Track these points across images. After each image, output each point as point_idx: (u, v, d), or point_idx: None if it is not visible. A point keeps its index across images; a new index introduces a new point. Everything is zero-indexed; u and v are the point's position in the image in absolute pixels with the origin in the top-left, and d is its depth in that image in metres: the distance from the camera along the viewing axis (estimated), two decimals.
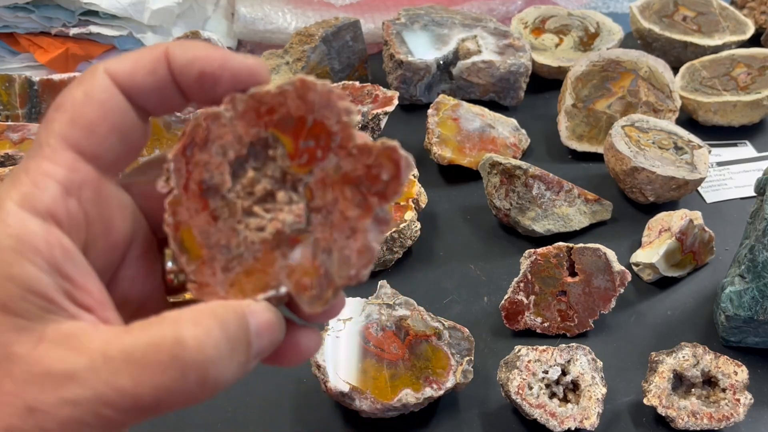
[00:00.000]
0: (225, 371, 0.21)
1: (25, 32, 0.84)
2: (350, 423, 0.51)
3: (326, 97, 0.23)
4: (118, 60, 0.23)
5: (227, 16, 0.97)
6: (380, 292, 0.55)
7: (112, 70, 0.23)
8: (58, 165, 0.21)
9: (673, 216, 0.63)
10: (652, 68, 0.76)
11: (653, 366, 0.51)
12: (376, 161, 0.23)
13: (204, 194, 0.24)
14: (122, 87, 0.23)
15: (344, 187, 0.23)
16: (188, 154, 0.24)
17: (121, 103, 0.23)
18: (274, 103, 0.24)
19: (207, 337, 0.20)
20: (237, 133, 0.24)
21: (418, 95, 0.82)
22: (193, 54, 0.23)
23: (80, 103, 0.22)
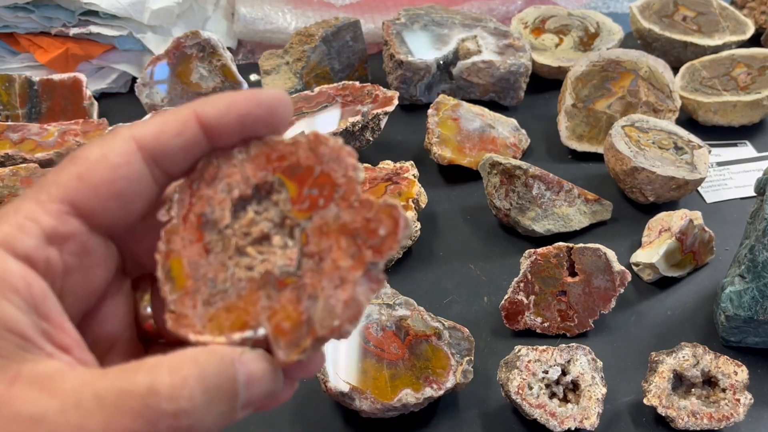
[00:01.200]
0: (201, 422, 0.20)
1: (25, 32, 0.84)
2: (350, 423, 0.51)
3: (337, 152, 0.24)
4: (145, 124, 0.23)
5: (227, 16, 0.97)
6: (380, 292, 0.55)
7: (138, 134, 0.23)
8: (47, 213, 0.22)
9: (673, 216, 0.63)
10: (652, 68, 0.76)
11: (653, 366, 0.51)
12: (375, 216, 0.23)
13: (201, 227, 0.25)
14: (147, 151, 0.23)
15: (340, 236, 0.24)
16: (194, 187, 0.25)
17: (135, 170, 0.23)
18: (285, 151, 0.25)
19: (182, 386, 0.20)
20: (245, 173, 0.25)
21: (418, 95, 0.82)
22: (225, 102, 0.23)
23: (93, 161, 0.22)
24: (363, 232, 0.24)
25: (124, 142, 0.23)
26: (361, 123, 0.69)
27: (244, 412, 0.22)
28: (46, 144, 0.73)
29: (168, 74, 0.79)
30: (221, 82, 0.80)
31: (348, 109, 0.71)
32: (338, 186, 0.24)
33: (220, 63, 0.79)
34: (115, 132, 0.23)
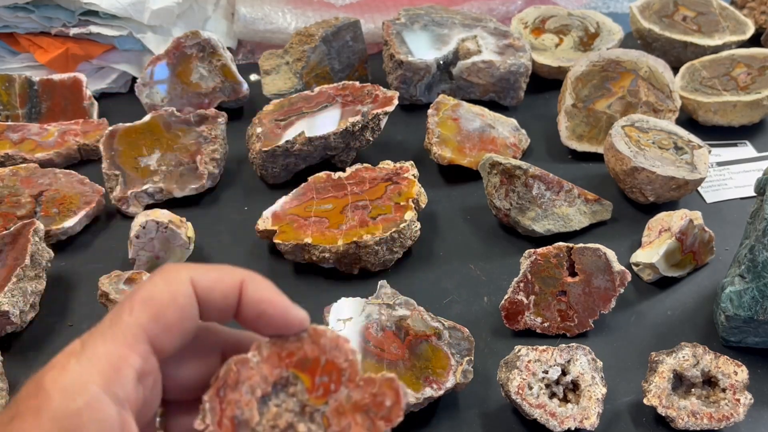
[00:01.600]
0: None
1: (25, 32, 0.84)
2: None
3: (335, 341, 0.29)
4: (202, 271, 0.26)
5: (227, 16, 0.97)
6: (380, 292, 0.55)
7: (196, 280, 0.26)
8: (137, 354, 0.24)
9: (673, 216, 0.63)
10: (652, 68, 0.76)
11: (653, 366, 0.51)
12: (380, 390, 0.28)
13: (236, 428, 0.28)
14: (198, 297, 0.26)
15: (356, 413, 0.28)
16: (221, 394, 0.28)
17: (195, 311, 0.26)
18: (293, 348, 0.29)
19: None
20: (263, 374, 0.29)
21: (418, 95, 0.82)
22: (262, 296, 0.27)
23: (165, 304, 0.25)
24: (373, 406, 0.28)
25: (187, 285, 0.26)
26: (361, 123, 0.69)
27: None
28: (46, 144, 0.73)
29: (168, 74, 0.79)
30: (221, 82, 0.80)
31: (348, 109, 0.72)
32: (343, 370, 0.28)
33: (220, 63, 0.79)
34: (176, 270, 0.26)
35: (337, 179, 0.66)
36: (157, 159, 0.71)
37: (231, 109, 0.82)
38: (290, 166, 0.71)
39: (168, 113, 0.73)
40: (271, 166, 0.70)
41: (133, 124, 0.72)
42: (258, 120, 0.73)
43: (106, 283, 0.56)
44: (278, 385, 0.29)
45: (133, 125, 0.72)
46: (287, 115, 0.72)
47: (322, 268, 0.63)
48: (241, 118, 0.82)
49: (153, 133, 0.72)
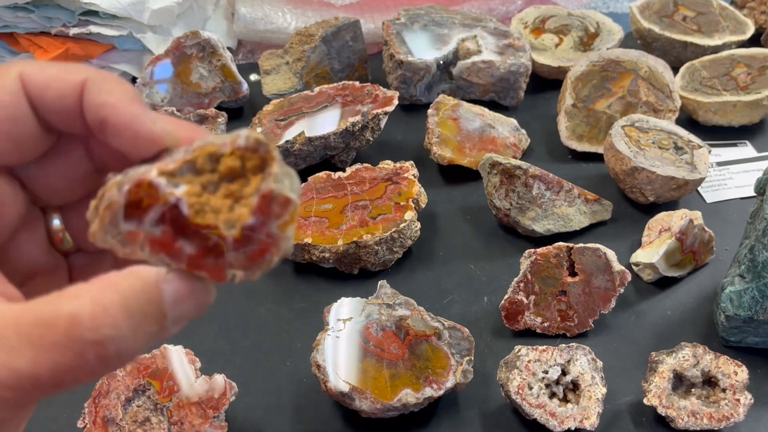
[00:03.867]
0: (129, 346, 0.20)
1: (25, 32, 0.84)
2: (350, 423, 0.51)
3: (180, 355, 0.48)
4: (38, 67, 0.23)
5: (227, 16, 0.97)
6: (380, 292, 0.55)
7: (27, 76, 0.22)
8: None
9: (673, 216, 0.63)
10: (652, 68, 0.76)
11: (653, 366, 0.51)
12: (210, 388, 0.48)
13: (106, 424, 0.45)
14: (30, 97, 0.22)
15: (191, 406, 0.47)
16: (97, 401, 0.46)
17: (22, 110, 0.22)
18: (148, 362, 0.48)
19: (104, 314, 0.19)
20: (126, 384, 0.47)
21: (418, 95, 0.82)
22: (105, 99, 0.22)
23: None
24: (204, 401, 0.47)
25: (14, 81, 0.22)
26: (361, 123, 0.69)
27: (175, 327, 0.21)
28: None
29: (168, 74, 0.79)
30: (221, 82, 0.80)
31: (348, 109, 0.71)
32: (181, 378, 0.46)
33: (220, 63, 0.79)
34: (6, 68, 0.22)
35: (337, 179, 0.66)
36: None
37: (231, 109, 0.82)
38: (290, 166, 0.71)
39: (168, 113, 0.73)
40: None
41: None
42: (258, 120, 0.73)
43: None
44: (138, 391, 0.47)
45: None
46: (287, 115, 0.72)
47: (322, 268, 0.63)
48: (241, 118, 0.82)
49: None
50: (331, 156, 0.72)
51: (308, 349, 0.52)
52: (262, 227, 0.21)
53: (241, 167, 0.22)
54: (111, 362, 0.20)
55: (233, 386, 0.49)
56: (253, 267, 0.22)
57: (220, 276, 0.22)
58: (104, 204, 0.22)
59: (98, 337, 0.19)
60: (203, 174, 0.22)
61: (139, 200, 0.21)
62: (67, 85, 0.22)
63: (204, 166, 0.22)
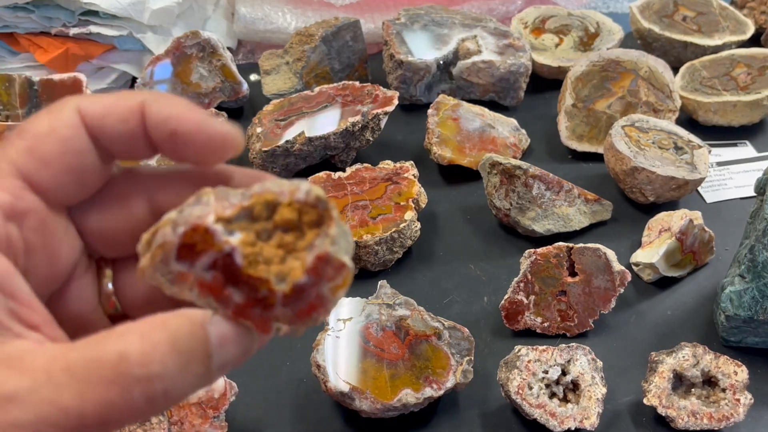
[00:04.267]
0: (176, 385, 0.20)
1: (25, 32, 0.84)
2: (350, 423, 0.51)
3: None
4: (93, 99, 0.23)
5: (227, 16, 0.97)
6: (380, 292, 0.55)
7: (84, 108, 0.22)
8: (2, 189, 0.21)
9: (673, 216, 0.63)
10: (652, 68, 0.76)
11: (653, 366, 0.51)
12: (210, 390, 0.47)
13: None
14: (90, 128, 0.22)
15: (191, 406, 0.47)
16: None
17: (83, 143, 0.22)
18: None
19: (153, 351, 0.19)
20: None
21: (418, 95, 0.82)
22: (169, 112, 0.22)
23: (42, 135, 0.22)
24: (204, 401, 0.47)
25: (72, 114, 0.22)
26: (361, 123, 0.69)
27: (220, 372, 0.21)
28: None
29: (168, 74, 0.79)
30: (221, 82, 0.80)
31: (348, 109, 0.71)
32: None
33: (220, 63, 0.79)
34: (63, 102, 0.23)
35: (337, 179, 0.66)
36: (157, 159, 0.71)
37: (231, 109, 0.82)
38: (290, 166, 0.71)
39: None
40: (271, 166, 0.70)
41: None
42: (258, 120, 0.73)
43: None
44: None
45: None
46: (287, 115, 0.72)
47: None
48: (241, 118, 0.82)
49: None
50: (331, 156, 0.72)
51: (308, 349, 0.52)
52: (314, 287, 0.21)
53: (298, 220, 0.22)
54: (158, 401, 0.20)
55: (233, 386, 0.49)
56: (298, 323, 0.22)
57: (265, 328, 0.22)
58: (157, 242, 0.22)
59: (146, 374, 0.19)
60: (259, 221, 0.22)
61: (193, 244, 0.21)
62: (126, 110, 0.23)
63: (260, 214, 0.22)
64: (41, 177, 0.22)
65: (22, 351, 0.20)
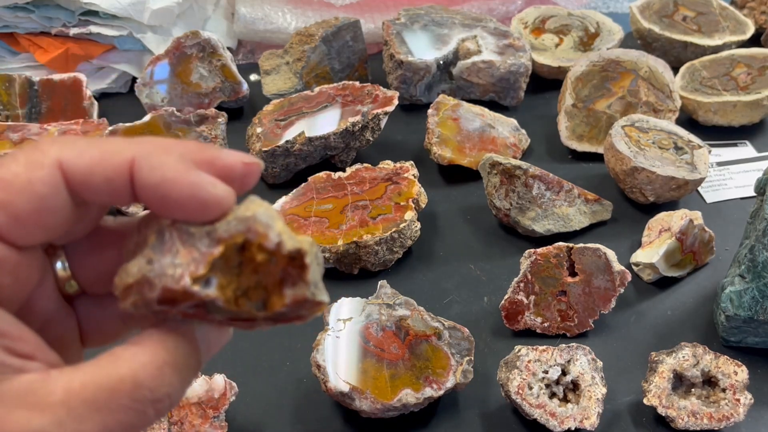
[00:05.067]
0: (179, 396, 0.23)
1: (25, 32, 0.84)
2: (350, 423, 0.51)
3: None
4: (77, 151, 0.22)
5: (227, 16, 0.97)
6: (380, 292, 0.55)
7: (66, 162, 0.21)
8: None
9: (673, 216, 0.63)
10: (652, 68, 0.76)
11: (653, 366, 0.51)
12: (210, 388, 0.48)
13: None
14: (71, 182, 0.22)
15: (191, 406, 0.47)
16: None
17: (59, 201, 0.22)
18: None
19: (161, 375, 0.22)
20: None
21: (418, 95, 0.82)
22: (161, 176, 0.21)
23: (17, 189, 0.21)
24: (204, 401, 0.48)
25: (51, 170, 0.21)
26: (361, 123, 0.69)
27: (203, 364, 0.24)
28: None
29: (168, 74, 0.79)
30: (221, 82, 0.80)
31: (348, 109, 0.71)
32: None
33: (220, 63, 0.79)
34: (42, 152, 0.21)
35: (337, 179, 0.66)
36: None
37: (231, 109, 0.82)
38: (290, 166, 0.71)
39: (168, 113, 0.73)
40: (271, 166, 0.70)
41: (133, 124, 0.72)
42: (258, 120, 0.73)
43: None
44: None
45: (133, 125, 0.72)
46: (287, 115, 0.72)
47: None
48: (241, 118, 0.82)
49: (153, 133, 0.72)
50: (331, 156, 0.72)
51: (308, 349, 0.52)
52: (293, 311, 0.23)
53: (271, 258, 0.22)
54: (163, 414, 0.22)
55: (233, 386, 0.49)
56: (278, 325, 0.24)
57: (248, 329, 0.24)
58: (134, 295, 0.22)
59: (157, 396, 0.21)
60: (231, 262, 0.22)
61: (172, 298, 0.22)
62: (114, 169, 0.21)
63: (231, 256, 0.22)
64: (10, 230, 0.21)
65: (31, 386, 0.20)
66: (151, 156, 0.21)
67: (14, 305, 0.23)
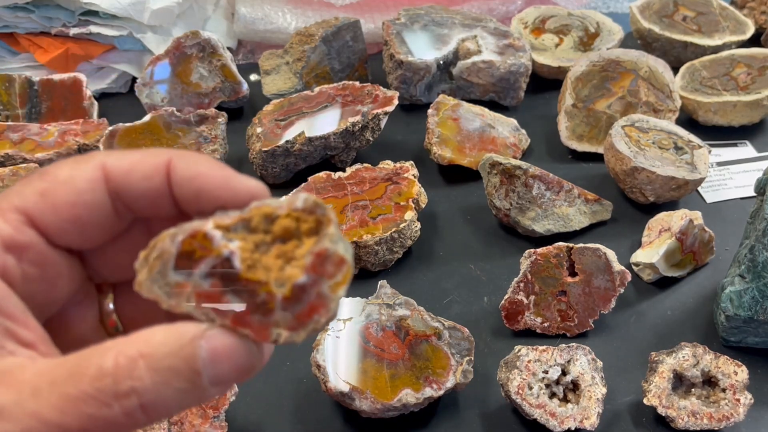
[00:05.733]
0: (152, 399, 0.20)
1: (25, 32, 0.84)
2: (350, 423, 0.51)
3: None
4: (119, 155, 0.23)
5: (227, 16, 0.97)
6: (380, 292, 0.55)
7: (109, 164, 0.23)
8: (5, 221, 0.22)
9: (673, 216, 0.63)
10: (652, 68, 0.76)
11: (653, 366, 0.51)
12: None
13: None
14: (113, 184, 0.23)
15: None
16: None
17: (97, 198, 0.23)
18: None
19: (129, 366, 0.20)
20: None
21: (418, 95, 0.82)
22: (196, 170, 0.23)
23: (59, 181, 0.22)
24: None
25: (94, 169, 0.23)
26: (361, 123, 0.69)
27: (217, 388, 0.21)
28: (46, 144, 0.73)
29: (168, 74, 0.79)
30: (221, 82, 0.80)
31: (348, 109, 0.71)
32: None
33: (220, 63, 0.79)
34: (90, 155, 0.23)
35: (337, 179, 0.66)
36: None
37: (231, 109, 0.82)
38: (290, 166, 0.71)
39: (168, 113, 0.73)
40: (271, 166, 0.70)
41: (133, 124, 0.72)
42: (258, 120, 0.73)
43: None
44: None
45: (133, 125, 0.72)
46: (287, 115, 0.72)
47: None
48: (241, 118, 0.82)
49: (153, 133, 0.72)
50: (331, 156, 0.72)
51: (308, 349, 0.52)
52: (314, 286, 0.21)
53: (296, 228, 0.22)
54: (137, 416, 0.20)
55: (233, 386, 0.49)
56: (299, 327, 0.21)
57: (264, 335, 0.21)
58: (155, 254, 0.22)
59: (121, 389, 0.19)
60: (257, 233, 0.22)
61: (191, 251, 0.21)
62: (152, 167, 0.23)
63: (258, 226, 0.22)
64: (46, 219, 0.22)
65: (13, 366, 0.20)
66: (186, 156, 0.23)
67: (36, 303, 0.23)
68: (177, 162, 0.23)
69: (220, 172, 0.23)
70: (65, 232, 0.23)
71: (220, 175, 0.23)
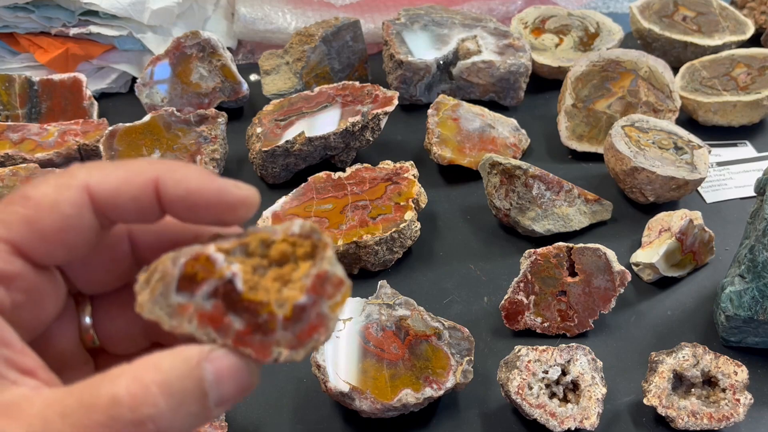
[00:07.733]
0: (168, 425, 0.20)
1: (25, 32, 0.84)
2: (350, 423, 0.51)
3: None
4: (103, 173, 0.23)
5: (227, 16, 0.97)
6: (380, 292, 0.55)
7: (93, 185, 0.22)
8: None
9: (673, 216, 0.63)
10: (652, 68, 0.76)
11: (653, 366, 0.51)
12: None
13: None
14: (99, 205, 0.22)
15: None
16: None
17: (84, 222, 0.22)
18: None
19: (145, 393, 0.20)
20: None
21: (418, 95, 0.82)
22: (187, 186, 0.22)
23: (44, 207, 0.22)
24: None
25: (78, 192, 0.22)
26: (361, 123, 0.69)
27: (220, 409, 0.21)
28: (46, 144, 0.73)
29: (168, 74, 0.79)
30: (221, 82, 0.80)
31: (348, 109, 0.71)
32: None
33: (220, 63, 0.79)
34: (71, 174, 0.22)
35: (337, 179, 0.66)
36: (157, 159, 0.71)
37: (231, 109, 0.82)
38: (290, 166, 0.71)
39: (168, 113, 0.73)
40: (271, 166, 0.70)
41: (133, 124, 0.72)
42: (258, 120, 0.73)
43: None
44: None
45: (133, 125, 0.72)
46: (287, 115, 0.72)
47: None
48: (241, 118, 0.82)
49: (153, 133, 0.72)
50: (331, 156, 0.72)
51: None
52: (314, 307, 0.22)
53: (292, 253, 0.22)
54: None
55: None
56: (299, 346, 0.22)
57: (265, 354, 0.22)
58: (157, 276, 0.22)
59: (138, 417, 0.19)
60: (254, 257, 0.23)
61: (193, 274, 0.22)
62: (139, 188, 0.22)
63: (256, 250, 0.23)
64: (34, 248, 0.22)
65: (20, 398, 0.20)
66: (174, 171, 0.23)
67: (26, 327, 0.23)
68: (165, 179, 0.22)
69: (210, 185, 0.23)
70: (52, 254, 0.23)
71: (210, 188, 0.23)
